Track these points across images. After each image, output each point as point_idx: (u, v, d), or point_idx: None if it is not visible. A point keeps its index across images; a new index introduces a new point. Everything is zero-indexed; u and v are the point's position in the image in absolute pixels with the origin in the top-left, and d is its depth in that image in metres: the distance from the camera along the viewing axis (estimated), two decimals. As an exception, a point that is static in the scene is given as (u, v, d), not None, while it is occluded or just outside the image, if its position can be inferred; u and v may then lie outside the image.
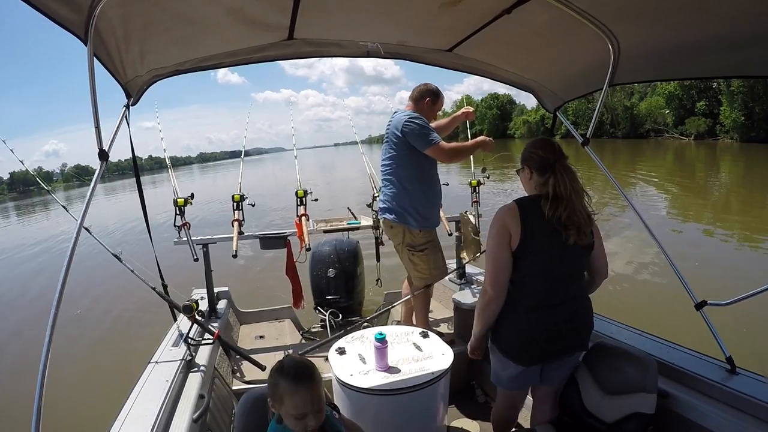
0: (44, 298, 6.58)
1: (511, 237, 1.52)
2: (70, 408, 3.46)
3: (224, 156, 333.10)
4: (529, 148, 1.62)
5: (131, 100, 1.72)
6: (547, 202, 1.51)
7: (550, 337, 1.56)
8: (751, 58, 1.50)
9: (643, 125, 38.58)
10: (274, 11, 1.56)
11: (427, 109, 2.56)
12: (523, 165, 1.63)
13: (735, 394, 1.48)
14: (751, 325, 3.50)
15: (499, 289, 1.55)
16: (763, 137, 25.89)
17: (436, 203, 2.62)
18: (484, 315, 1.61)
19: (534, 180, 1.59)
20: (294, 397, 1.09)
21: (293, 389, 1.10)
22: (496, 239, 1.54)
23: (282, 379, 1.11)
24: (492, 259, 1.55)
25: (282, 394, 1.10)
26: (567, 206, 1.49)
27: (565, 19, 1.54)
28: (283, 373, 1.12)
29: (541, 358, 1.61)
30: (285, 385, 1.10)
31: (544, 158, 1.56)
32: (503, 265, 1.53)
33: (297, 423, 1.11)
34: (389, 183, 2.56)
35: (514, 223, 1.51)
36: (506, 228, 1.52)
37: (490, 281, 1.55)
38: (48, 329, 1.10)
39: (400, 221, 2.53)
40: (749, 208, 9.72)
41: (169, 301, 2.23)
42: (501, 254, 1.53)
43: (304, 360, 1.19)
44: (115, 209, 18.57)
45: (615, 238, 7.06)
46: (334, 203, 10.13)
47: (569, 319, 1.57)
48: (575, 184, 1.53)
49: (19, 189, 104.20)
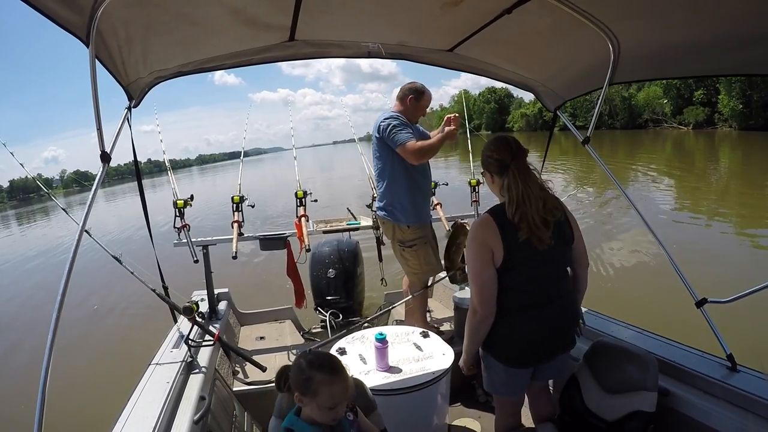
0: (43, 298, 6.60)
1: (494, 253, 1.45)
2: (71, 410, 3.45)
3: (223, 157, 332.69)
4: (486, 151, 1.56)
5: (133, 102, 1.72)
6: (510, 206, 1.45)
7: (543, 338, 1.54)
8: (752, 57, 1.50)
9: (642, 115, 38.40)
10: (276, 12, 1.56)
11: (411, 107, 2.57)
12: (484, 170, 1.59)
13: (736, 392, 1.48)
14: (752, 322, 3.51)
15: (489, 308, 1.48)
16: (761, 125, 25.82)
17: (421, 198, 2.61)
18: (477, 334, 1.54)
19: (497, 184, 1.54)
20: (333, 387, 1.13)
21: (331, 379, 1.14)
22: (479, 258, 1.47)
23: (317, 371, 1.14)
24: (477, 278, 1.48)
25: (318, 386, 1.13)
26: (518, 209, 1.43)
27: (566, 19, 1.54)
28: (316, 366, 1.15)
29: (536, 359, 1.59)
30: (322, 377, 1.13)
31: (500, 160, 1.51)
32: (489, 284, 1.46)
33: (328, 413, 1.15)
34: (379, 180, 2.62)
35: (494, 237, 1.44)
36: (486, 245, 1.45)
37: (479, 301, 1.48)
38: (50, 331, 1.10)
39: (390, 217, 2.57)
40: (749, 199, 9.70)
41: (169, 303, 2.23)
42: (485, 273, 1.46)
43: (329, 353, 1.27)
44: (114, 214, 18.54)
45: (615, 235, 7.06)
46: (333, 203, 10.14)
47: (559, 317, 1.55)
48: (530, 185, 1.46)
49: (19, 197, 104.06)
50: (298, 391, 1.17)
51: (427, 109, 2.65)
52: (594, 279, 5.24)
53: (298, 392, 1.17)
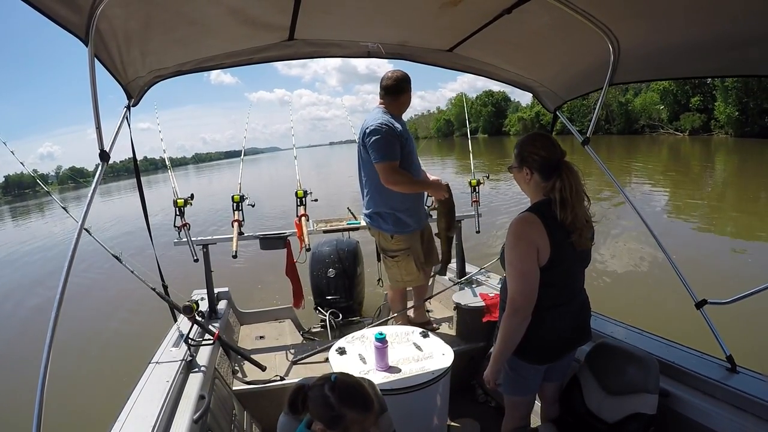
0: (42, 298, 6.59)
1: (539, 252, 1.42)
2: (70, 409, 3.45)
3: (220, 156, 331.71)
4: (529, 147, 1.50)
5: (132, 101, 1.72)
6: (557, 206, 1.43)
7: (568, 333, 1.56)
8: (752, 58, 1.51)
9: (638, 121, 38.61)
10: (275, 12, 1.56)
11: (389, 104, 2.45)
12: (521, 165, 1.52)
13: (735, 393, 1.48)
14: (751, 323, 3.52)
15: (531, 308, 1.44)
16: (757, 132, 25.98)
17: (408, 206, 2.49)
18: (516, 337, 1.47)
19: (534, 182, 1.50)
20: (365, 423, 1.06)
21: (365, 417, 1.06)
22: (527, 258, 1.42)
23: (350, 410, 1.05)
24: (523, 278, 1.43)
25: (350, 425, 1.05)
26: (571, 210, 1.43)
27: (565, 19, 1.54)
28: (349, 404, 1.06)
29: (558, 355, 1.60)
30: (355, 416, 1.05)
31: (547, 158, 1.47)
32: (535, 283, 1.42)
33: None
34: (364, 186, 2.53)
35: (541, 237, 1.41)
36: (534, 244, 1.41)
37: (525, 301, 1.42)
38: (49, 330, 1.10)
39: (374, 224, 2.54)
40: (745, 204, 9.75)
41: (169, 302, 2.23)
42: (533, 272, 1.42)
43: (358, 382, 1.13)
44: (111, 212, 18.49)
45: (614, 236, 7.07)
46: (332, 203, 10.14)
47: (579, 312, 1.59)
48: (579, 186, 1.45)
49: (14, 192, 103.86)
50: (323, 423, 1.07)
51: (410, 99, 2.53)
52: (594, 279, 5.29)
53: (323, 425, 1.07)
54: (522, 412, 1.72)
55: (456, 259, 3.15)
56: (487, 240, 6.86)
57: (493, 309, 2.54)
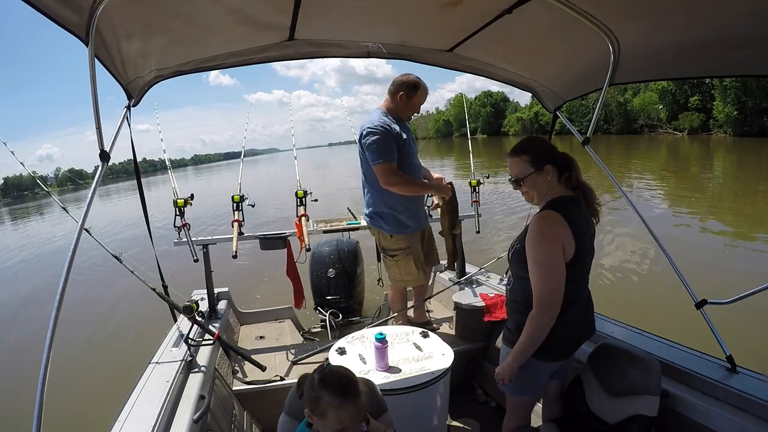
0: (42, 298, 6.58)
1: (565, 250, 1.43)
2: (70, 409, 3.44)
3: (218, 158, 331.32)
4: (540, 146, 1.54)
5: (132, 101, 1.72)
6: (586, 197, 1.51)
7: (579, 329, 1.58)
8: (751, 57, 1.51)
9: (637, 121, 38.84)
10: (275, 12, 1.56)
11: (402, 104, 2.42)
12: (542, 164, 1.50)
13: (735, 393, 1.48)
14: (751, 323, 3.52)
15: (560, 307, 1.43)
16: (756, 131, 26.14)
17: (408, 206, 2.48)
18: (542, 336, 1.45)
19: (553, 179, 1.51)
20: (340, 412, 1.05)
21: (339, 404, 1.05)
22: (555, 256, 1.42)
23: (326, 392, 1.06)
24: (553, 276, 1.42)
25: (326, 409, 1.05)
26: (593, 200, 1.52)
27: (566, 19, 1.54)
28: (327, 386, 1.06)
29: (572, 351, 1.62)
30: (330, 399, 1.05)
31: (564, 154, 1.55)
32: (563, 281, 1.43)
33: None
34: (365, 186, 2.54)
35: (566, 233, 1.42)
36: (560, 241, 1.42)
37: (554, 299, 1.42)
38: (49, 330, 1.10)
39: (374, 225, 2.54)
40: (745, 203, 9.75)
41: (169, 302, 2.23)
42: (561, 270, 1.42)
43: (347, 372, 1.14)
44: (110, 213, 18.49)
45: (614, 236, 7.07)
46: (331, 203, 10.13)
47: (587, 307, 1.61)
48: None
49: (13, 194, 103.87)
50: (307, 407, 1.10)
51: (420, 106, 2.50)
52: (594, 279, 5.26)
53: (308, 408, 1.10)
54: (525, 410, 1.73)
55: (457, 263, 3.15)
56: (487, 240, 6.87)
57: (493, 309, 2.53)
